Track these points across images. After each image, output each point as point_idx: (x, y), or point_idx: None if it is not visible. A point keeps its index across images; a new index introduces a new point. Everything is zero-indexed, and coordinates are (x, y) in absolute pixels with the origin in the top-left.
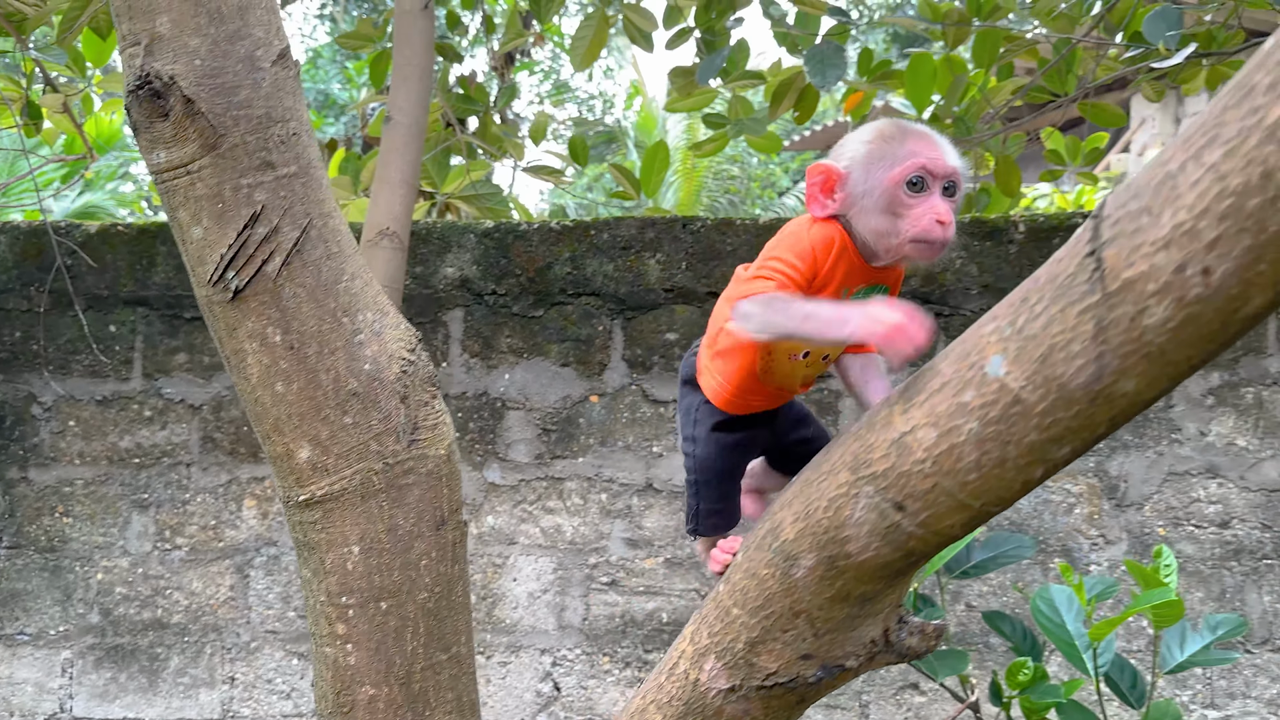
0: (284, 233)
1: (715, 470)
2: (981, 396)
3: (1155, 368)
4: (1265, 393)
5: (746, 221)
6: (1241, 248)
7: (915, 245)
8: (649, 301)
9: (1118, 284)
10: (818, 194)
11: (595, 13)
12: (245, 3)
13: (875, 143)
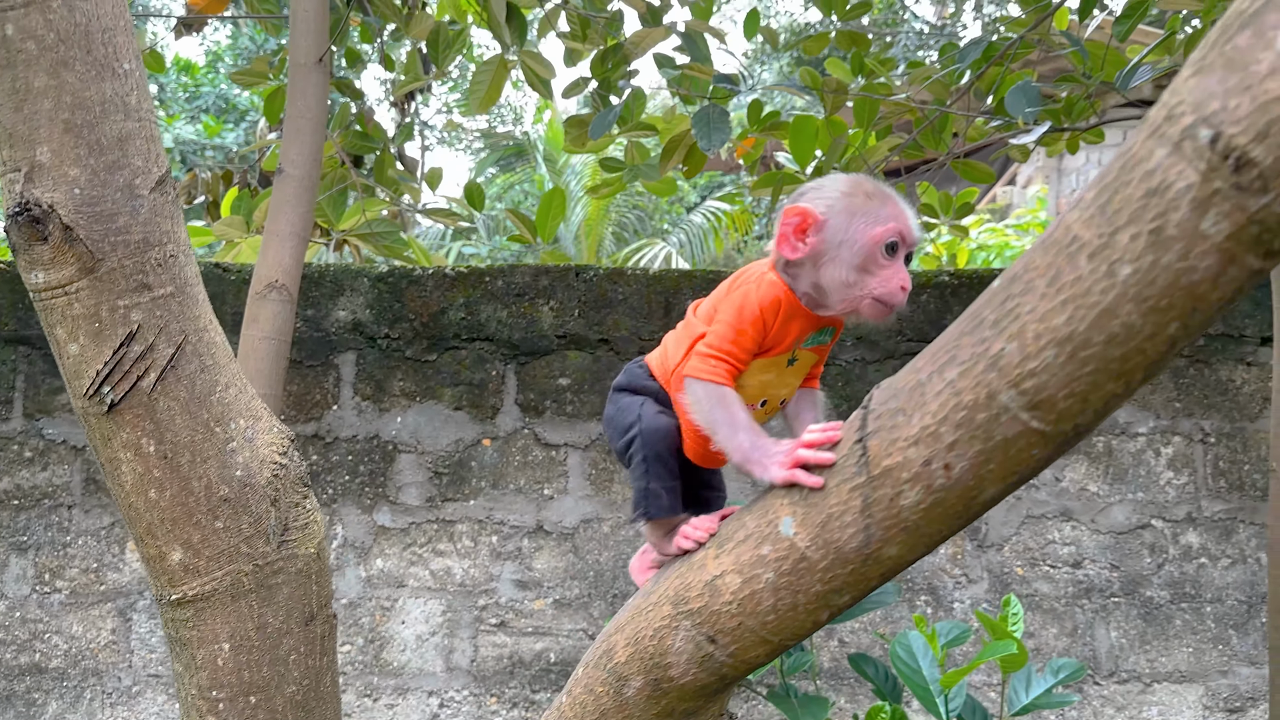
0: (159, 350)
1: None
2: (776, 551)
3: (912, 538)
4: (1114, 442)
5: (637, 272)
6: (974, 450)
7: (874, 305)
8: (542, 347)
9: (879, 470)
10: (790, 235)
11: (494, 59)
12: (125, 134)
13: (857, 197)
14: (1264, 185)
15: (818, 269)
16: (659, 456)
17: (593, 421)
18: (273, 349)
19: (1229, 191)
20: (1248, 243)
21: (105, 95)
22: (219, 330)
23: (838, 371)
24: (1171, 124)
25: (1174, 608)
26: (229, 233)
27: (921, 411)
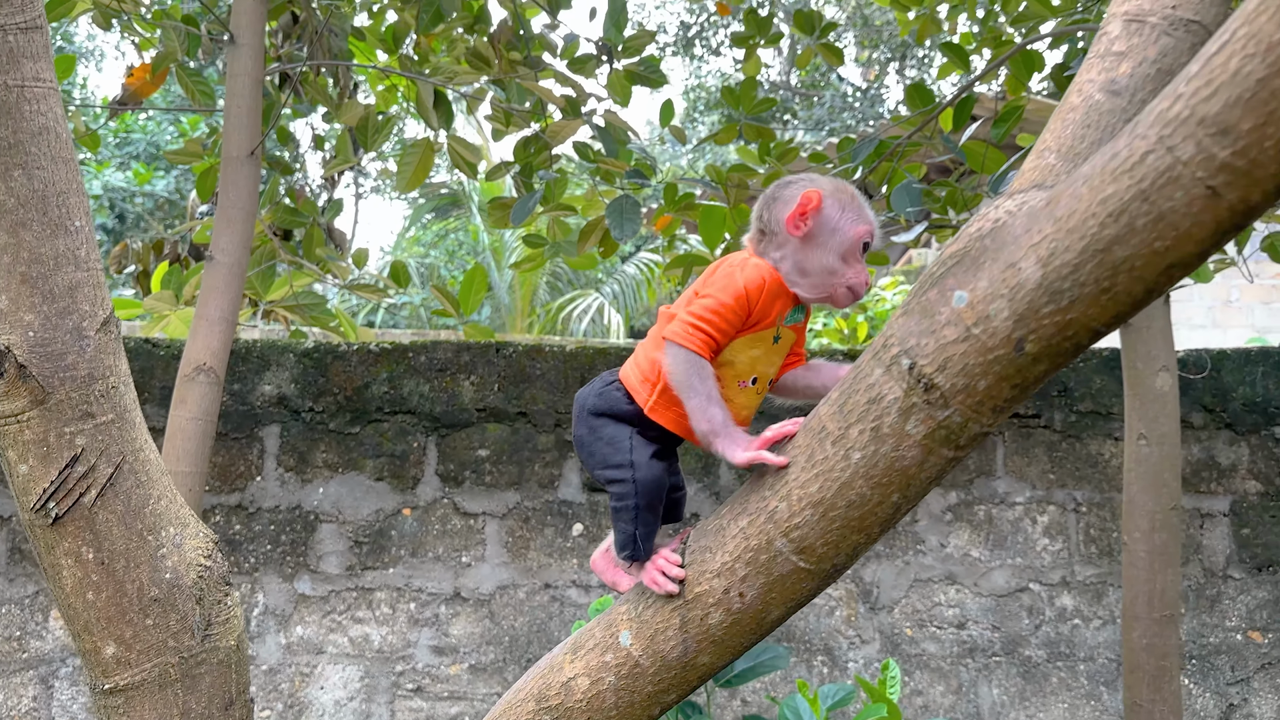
0: (99, 470)
1: (653, 492)
2: (617, 659)
3: (720, 649)
4: (994, 510)
5: (554, 348)
6: (760, 583)
7: (847, 293)
8: (462, 420)
9: (693, 595)
10: (799, 215)
11: (421, 141)
12: (75, 283)
13: (844, 194)
14: (945, 402)
15: (805, 251)
16: (651, 506)
17: (510, 490)
18: (199, 429)
19: (922, 405)
20: (940, 440)
21: (58, 250)
22: (153, 449)
23: None
24: (886, 351)
25: (1050, 666)
26: (158, 307)
27: (722, 550)
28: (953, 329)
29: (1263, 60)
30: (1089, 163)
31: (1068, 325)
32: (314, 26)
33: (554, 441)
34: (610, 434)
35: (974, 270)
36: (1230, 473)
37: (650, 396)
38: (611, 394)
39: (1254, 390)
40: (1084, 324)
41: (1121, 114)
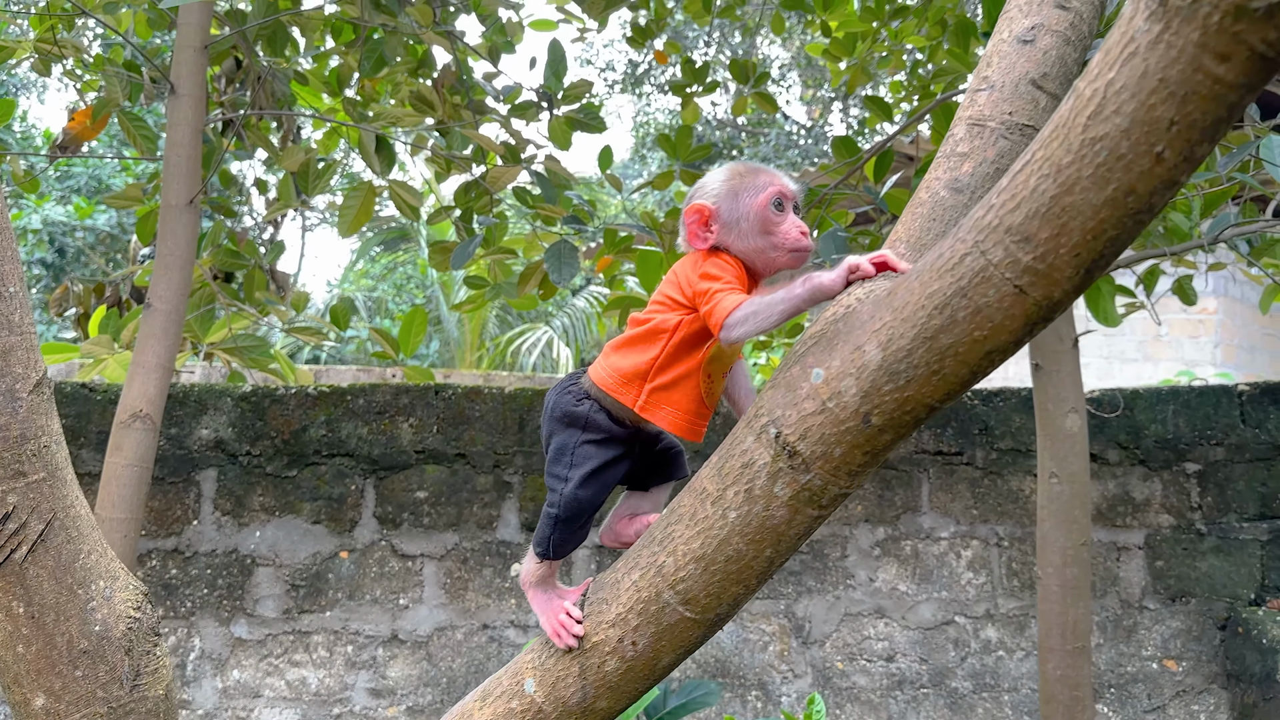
0: (30, 527)
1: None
2: (521, 705)
3: (616, 695)
4: (920, 545)
5: (494, 390)
6: (650, 632)
7: (792, 255)
8: (401, 462)
9: (590, 644)
10: (697, 229)
11: (363, 185)
12: (9, 346)
13: (734, 179)
14: (807, 467)
15: (732, 248)
16: (570, 520)
17: (449, 532)
18: (135, 475)
19: (787, 469)
20: (804, 501)
21: None
22: (84, 504)
23: None
24: (756, 420)
25: (976, 697)
26: (96, 351)
27: (617, 602)
28: (811, 402)
29: (1054, 180)
30: (922, 259)
31: (906, 401)
32: (256, 72)
33: (493, 482)
34: (561, 440)
35: (829, 350)
36: (1144, 507)
37: (639, 395)
38: (564, 398)
39: (1165, 428)
40: (920, 401)
41: (963, 209)
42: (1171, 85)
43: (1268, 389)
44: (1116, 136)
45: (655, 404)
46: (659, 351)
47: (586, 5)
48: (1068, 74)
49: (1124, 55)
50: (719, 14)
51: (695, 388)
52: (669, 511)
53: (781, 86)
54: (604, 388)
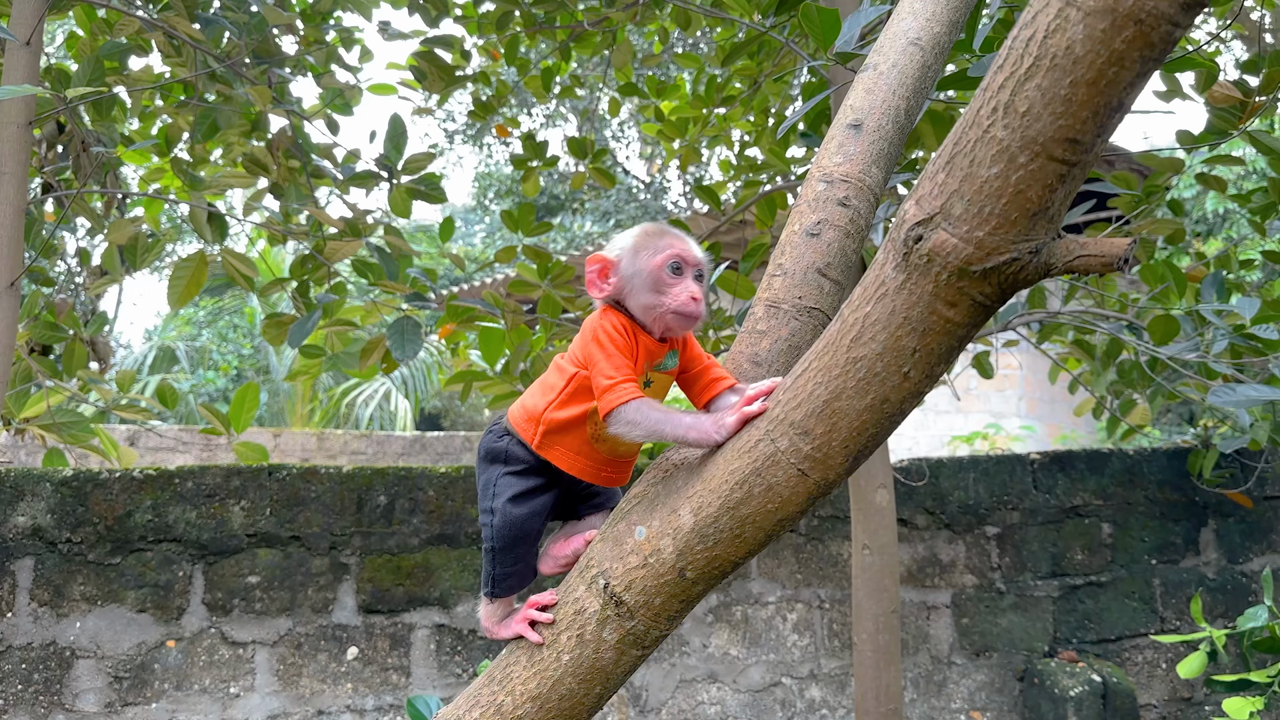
0: None
1: (510, 537)
2: None
3: None
4: (750, 610)
5: (331, 470)
6: None
7: (676, 316)
8: (231, 546)
9: None
10: (595, 280)
11: (196, 254)
12: None
13: (640, 237)
14: (631, 614)
15: (625, 301)
16: (507, 548)
17: (282, 617)
18: None
19: (614, 617)
20: (629, 643)
21: None
22: None
23: None
24: (588, 571)
25: None
26: None
27: None
28: (635, 557)
29: (826, 388)
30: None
31: (715, 559)
32: (80, 137)
33: (328, 564)
34: (483, 479)
35: (650, 511)
36: (950, 568)
37: (535, 434)
38: (486, 438)
39: (967, 494)
40: (726, 558)
41: (762, 379)
42: (914, 322)
43: (1056, 457)
44: (873, 358)
45: (550, 444)
46: (554, 397)
47: (426, 83)
48: (848, 262)
49: (878, 294)
50: (559, 95)
51: (583, 435)
52: (507, 651)
53: (621, 142)
54: (513, 425)
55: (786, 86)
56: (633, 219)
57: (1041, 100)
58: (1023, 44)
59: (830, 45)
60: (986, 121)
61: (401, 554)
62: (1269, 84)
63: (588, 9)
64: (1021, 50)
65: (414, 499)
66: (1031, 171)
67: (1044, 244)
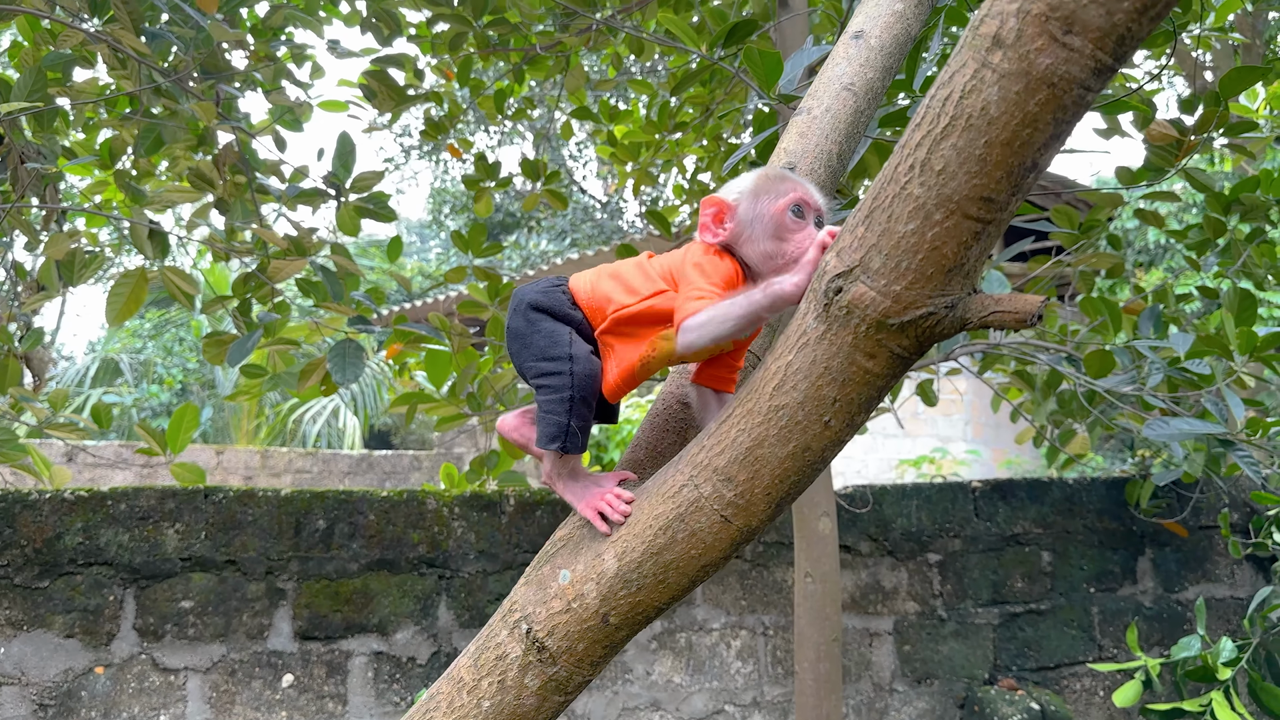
0: None
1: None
2: None
3: None
4: (694, 636)
5: (268, 493)
6: None
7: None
8: (165, 570)
9: None
10: (709, 224)
11: (135, 271)
12: None
13: (760, 180)
14: (554, 660)
15: (741, 248)
16: (585, 400)
17: (215, 643)
18: None
19: (536, 662)
20: (551, 689)
21: None
22: None
23: (461, 582)
24: (511, 615)
25: None
26: None
27: None
28: (559, 601)
29: (749, 435)
30: (653, 479)
31: (638, 604)
32: (18, 151)
33: (264, 589)
34: (549, 328)
35: (575, 554)
36: (893, 595)
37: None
38: (558, 295)
39: (910, 521)
40: (650, 604)
41: (691, 421)
42: (834, 372)
43: (997, 486)
44: (794, 407)
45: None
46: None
47: (377, 102)
48: None
49: (799, 343)
50: (512, 116)
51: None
52: (428, 697)
53: (579, 161)
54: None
55: (738, 114)
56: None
57: (957, 159)
58: (939, 103)
59: (773, 86)
60: (904, 178)
61: (340, 579)
62: (1204, 124)
63: (541, 33)
64: (939, 109)
65: (354, 523)
66: (947, 229)
67: (960, 299)
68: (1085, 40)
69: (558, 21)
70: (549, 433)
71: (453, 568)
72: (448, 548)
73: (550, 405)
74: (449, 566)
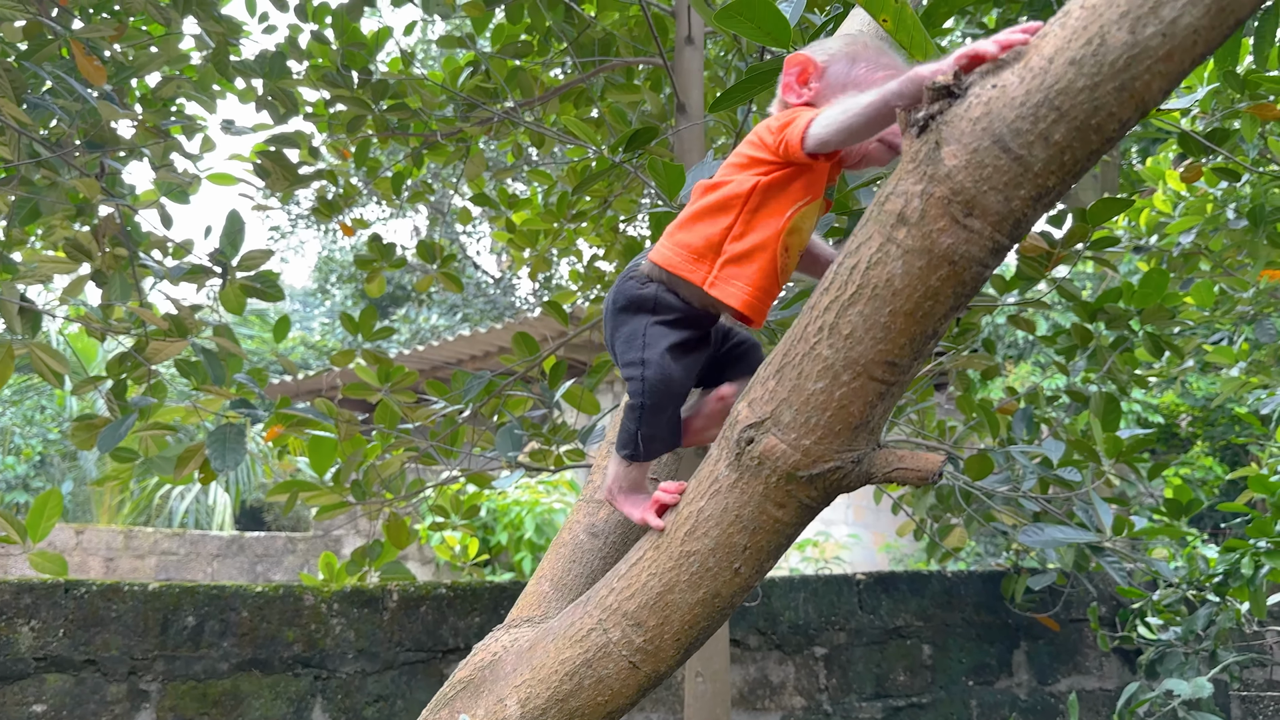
0: None
1: (664, 393)
2: None
3: None
4: None
5: (134, 587)
6: None
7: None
8: (16, 672)
9: None
10: (794, 83)
11: (1, 346)
12: None
13: (859, 46)
14: None
15: None
16: (659, 407)
17: None
18: None
19: None
20: None
21: None
22: None
23: (338, 683)
24: None
25: None
26: None
27: None
28: None
29: (660, 580)
30: (559, 619)
31: None
32: None
33: (126, 691)
34: (627, 329)
35: (476, 698)
36: (780, 690)
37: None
38: (625, 284)
39: (797, 614)
40: None
41: (598, 552)
42: (744, 520)
43: (880, 579)
44: (705, 553)
45: (726, 279)
46: (733, 220)
47: (269, 181)
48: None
49: (712, 490)
50: (409, 199)
51: (772, 260)
52: None
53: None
54: (669, 268)
55: (635, 206)
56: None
57: (863, 325)
58: (847, 271)
59: (675, 196)
60: (814, 339)
61: (209, 680)
62: (1071, 238)
63: (442, 120)
64: (846, 277)
65: (225, 620)
66: (854, 389)
67: (865, 454)
68: (985, 223)
69: (459, 110)
70: (621, 438)
71: (330, 668)
72: (325, 646)
73: (627, 410)
74: (326, 666)
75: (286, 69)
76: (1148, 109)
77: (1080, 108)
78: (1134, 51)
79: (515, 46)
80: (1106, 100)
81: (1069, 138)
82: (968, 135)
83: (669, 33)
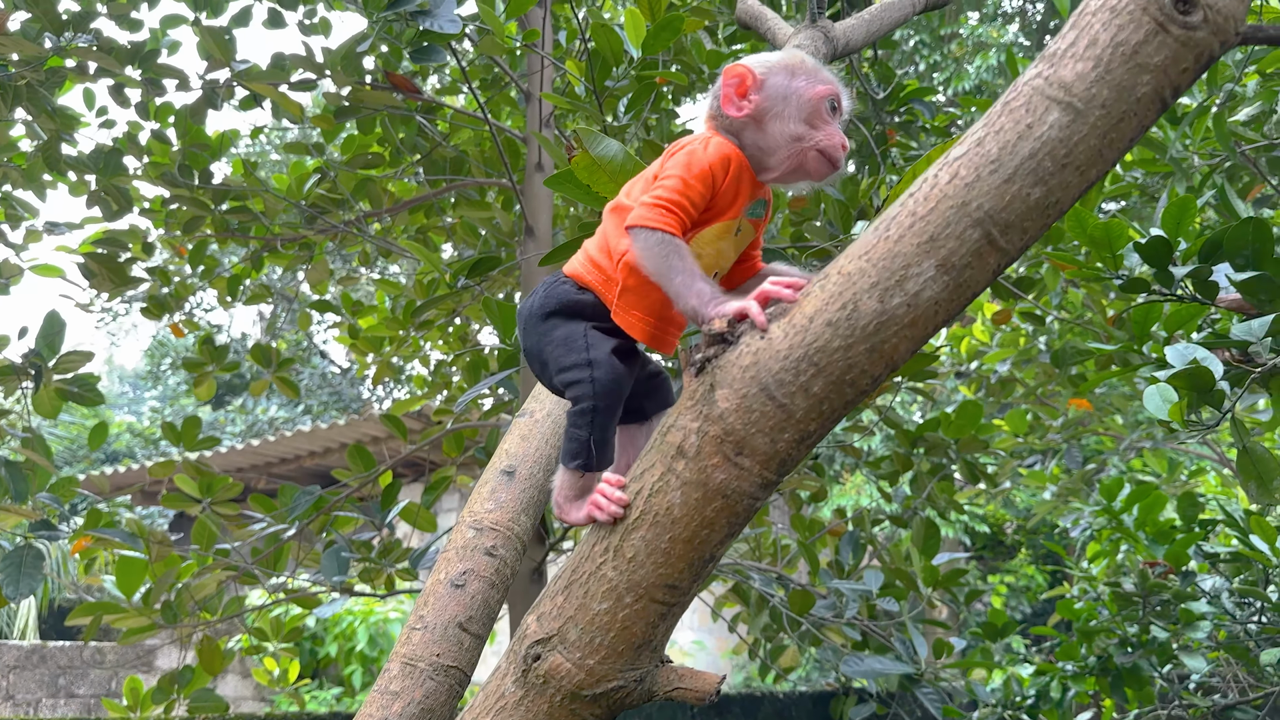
0: None
1: (615, 394)
2: None
3: None
4: None
5: None
6: None
7: (819, 158)
8: None
9: None
10: (733, 95)
11: None
12: None
13: (795, 61)
14: None
15: (762, 127)
16: (610, 409)
17: None
18: None
19: None
20: None
21: None
22: None
23: None
24: None
25: None
26: None
27: None
28: None
29: None
30: None
31: None
32: None
33: None
34: (563, 334)
35: None
36: None
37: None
38: (559, 288)
39: None
40: None
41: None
42: None
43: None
44: None
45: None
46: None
47: (95, 282)
48: (490, 615)
49: (498, 706)
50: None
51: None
52: None
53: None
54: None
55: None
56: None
57: (645, 550)
58: (631, 495)
59: (510, 336)
60: (599, 559)
61: None
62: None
63: (286, 225)
64: (630, 501)
65: None
66: (636, 610)
67: (648, 672)
68: (754, 462)
69: (303, 216)
70: (571, 449)
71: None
72: None
73: (574, 418)
74: None
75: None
76: (897, 366)
77: (836, 365)
78: (882, 319)
79: (365, 157)
80: (859, 359)
81: (826, 390)
82: (738, 381)
83: (520, 156)
